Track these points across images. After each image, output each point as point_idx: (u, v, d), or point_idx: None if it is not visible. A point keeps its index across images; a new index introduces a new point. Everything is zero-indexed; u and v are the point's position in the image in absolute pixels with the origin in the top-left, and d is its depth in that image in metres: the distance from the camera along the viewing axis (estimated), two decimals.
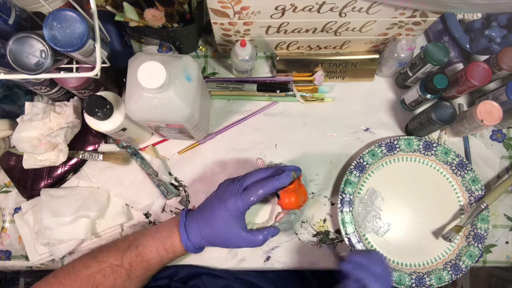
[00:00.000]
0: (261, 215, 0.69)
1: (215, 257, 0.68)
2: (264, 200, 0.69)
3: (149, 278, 0.59)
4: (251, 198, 0.53)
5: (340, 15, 0.59)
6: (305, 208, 0.70)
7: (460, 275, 0.65)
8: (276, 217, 0.65)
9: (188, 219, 0.56)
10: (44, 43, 0.43)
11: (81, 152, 0.67)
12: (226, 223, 0.53)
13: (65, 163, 0.66)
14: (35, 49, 0.43)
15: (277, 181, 0.54)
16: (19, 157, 0.66)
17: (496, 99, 0.68)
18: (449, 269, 0.66)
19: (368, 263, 0.56)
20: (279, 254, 0.69)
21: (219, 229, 0.53)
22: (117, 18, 0.58)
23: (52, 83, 0.63)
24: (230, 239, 0.54)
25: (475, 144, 0.74)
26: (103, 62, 0.52)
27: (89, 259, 0.55)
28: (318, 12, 0.58)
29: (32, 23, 0.53)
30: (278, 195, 0.60)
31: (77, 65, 0.53)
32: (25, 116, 0.64)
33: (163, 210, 0.70)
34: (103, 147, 0.69)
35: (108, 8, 0.58)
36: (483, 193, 0.68)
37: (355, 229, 0.66)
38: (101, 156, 0.67)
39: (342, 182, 0.68)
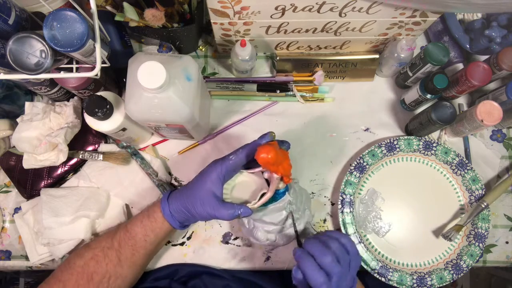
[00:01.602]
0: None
1: (215, 257, 0.68)
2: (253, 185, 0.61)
3: (141, 264, 0.57)
4: (230, 157, 0.52)
5: (340, 15, 0.59)
6: (309, 213, 0.64)
7: (461, 274, 0.65)
8: (260, 197, 0.56)
9: (169, 196, 0.55)
10: (44, 43, 0.43)
11: (81, 152, 0.67)
12: (201, 185, 0.51)
13: (65, 163, 0.66)
14: (35, 49, 0.43)
15: (256, 140, 0.52)
16: (19, 157, 0.66)
17: (496, 99, 0.68)
18: (450, 268, 0.66)
19: (315, 250, 0.46)
20: (279, 254, 0.68)
21: (193, 190, 0.52)
22: (117, 18, 0.58)
23: (52, 83, 0.63)
24: (201, 203, 0.51)
25: (475, 144, 0.74)
26: (103, 62, 0.52)
27: (83, 249, 0.56)
28: (318, 12, 0.58)
29: (32, 23, 0.53)
30: (263, 172, 0.54)
31: (77, 65, 0.53)
32: (25, 116, 0.64)
33: None
34: (103, 147, 0.69)
35: (108, 8, 0.58)
36: (483, 192, 0.68)
37: (356, 229, 0.66)
38: (101, 156, 0.67)
39: (343, 183, 0.68)
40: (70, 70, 0.52)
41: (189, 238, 0.69)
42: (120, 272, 0.54)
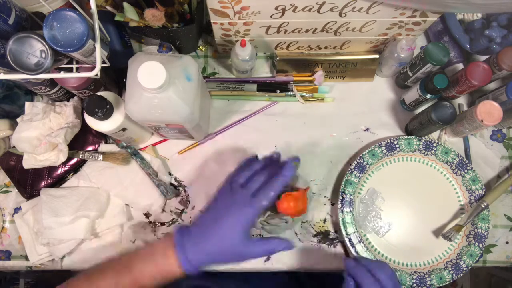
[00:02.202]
0: None
1: None
2: None
3: None
4: (263, 203, 0.46)
5: (340, 15, 0.59)
6: (295, 220, 0.68)
7: (461, 274, 0.65)
8: (265, 214, 0.61)
9: (185, 238, 0.47)
10: (44, 43, 0.43)
11: (81, 152, 0.67)
12: (235, 236, 0.45)
13: (65, 163, 0.66)
14: (35, 49, 0.43)
15: (282, 177, 0.47)
16: (19, 157, 0.66)
17: (496, 99, 0.68)
18: (450, 268, 0.66)
19: (372, 266, 0.50)
20: (279, 254, 0.68)
21: (227, 244, 0.45)
22: (117, 18, 0.58)
23: (52, 83, 0.63)
24: (240, 253, 0.46)
25: (475, 144, 0.74)
26: (103, 62, 0.52)
27: (82, 281, 0.49)
28: (318, 12, 0.58)
29: (32, 23, 0.53)
30: (279, 195, 0.56)
31: (77, 65, 0.53)
32: (25, 116, 0.64)
33: (163, 210, 0.70)
34: (103, 147, 0.69)
35: (108, 8, 0.58)
36: (483, 193, 0.68)
37: (356, 229, 0.66)
38: (101, 156, 0.67)
39: (343, 183, 0.68)
40: (70, 70, 0.52)
41: None
42: None
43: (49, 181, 0.67)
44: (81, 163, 0.69)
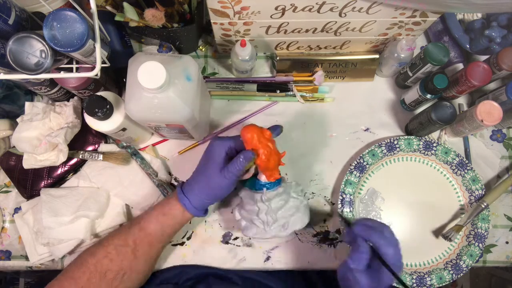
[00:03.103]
0: None
1: (215, 257, 0.68)
2: None
3: (156, 256, 0.59)
4: (239, 138, 0.54)
5: (340, 15, 0.59)
6: (290, 186, 0.61)
7: (461, 274, 0.65)
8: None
9: (183, 188, 0.57)
10: (44, 43, 0.43)
11: (81, 152, 0.67)
12: (214, 172, 0.53)
13: (65, 163, 0.66)
14: (35, 49, 0.43)
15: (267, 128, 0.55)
16: (19, 157, 0.66)
17: (496, 99, 0.68)
18: (449, 268, 0.66)
19: (379, 227, 0.50)
20: (279, 254, 0.69)
21: (211, 181, 0.53)
22: (117, 18, 0.58)
23: (52, 83, 0.63)
24: (220, 182, 0.53)
25: (475, 144, 0.74)
26: (103, 62, 0.52)
27: (94, 247, 0.56)
28: (318, 12, 0.58)
29: (32, 23, 0.53)
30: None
31: (77, 65, 0.53)
32: (25, 116, 0.64)
33: None
34: (103, 147, 0.69)
35: (108, 8, 0.58)
36: (483, 193, 0.68)
37: None
38: (101, 156, 0.67)
39: (343, 182, 0.68)
40: (70, 70, 0.52)
41: (189, 238, 0.69)
42: (135, 266, 0.55)
43: (49, 181, 0.67)
44: (81, 163, 0.69)
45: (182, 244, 0.69)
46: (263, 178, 0.56)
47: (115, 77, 0.71)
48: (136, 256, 0.55)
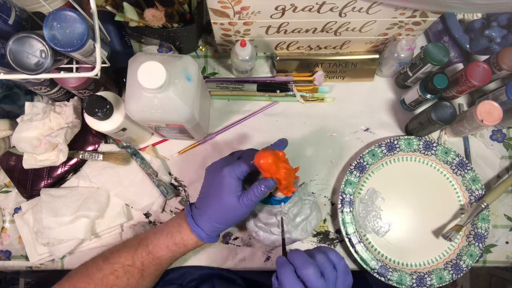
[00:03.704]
0: None
1: (215, 257, 0.68)
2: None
3: (162, 273, 0.58)
4: (250, 161, 0.49)
5: (340, 15, 0.59)
6: (305, 231, 0.61)
7: (461, 274, 0.65)
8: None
9: (193, 211, 0.54)
10: (44, 43, 0.43)
11: (81, 152, 0.67)
12: (225, 192, 0.50)
13: (65, 163, 0.66)
14: (35, 49, 0.43)
15: (272, 146, 0.53)
16: (19, 157, 0.66)
17: (496, 99, 0.68)
18: (449, 268, 0.66)
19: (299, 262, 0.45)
20: (279, 254, 0.68)
21: (224, 205, 0.50)
22: (117, 18, 0.58)
23: (52, 83, 0.63)
24: (235, 208, 0.50)
25: (475, 144, 0.74)
26: (103, 62, 0.52)
27: (101, 261, 0.54)
28: (318, 12, 0.58)
29: (32, 23, 0.53)
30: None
31: (77, 65, 0.53)
32: (25, 116, 0.64)
33: (163, 210, 0.70)
34: (103, 147, 0.69)
35: (108, 8, 0.58)
36: (483, 193, 0.68)
37: (356, 229, 0.66)
38: (101, 156, 0.67)
39: (343, 182, 0.68)
40: (70, 70, 0.52)
41: None
42: (141, 284, 0.54)
43: (49, 181, 0.67)
44: (81, 163, 0.69)
45: None
46: (278, 195, 0.54)
47: (115, 77, 0.71)
48: (143, 275, 0.54)
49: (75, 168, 0.69)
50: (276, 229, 0.58)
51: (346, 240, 0.65)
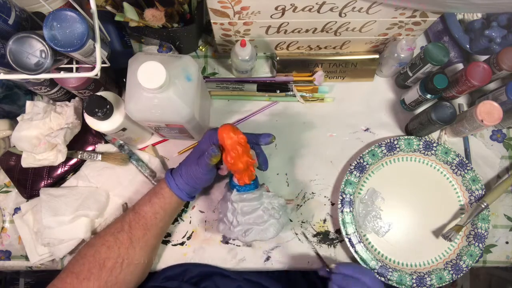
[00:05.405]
0: None
1: (215, 257, 0.68)
2: None
3: (152, 245, 0.59)
4: (207, 139, 0.55)
5: (340, 15, 0.59)
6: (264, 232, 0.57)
7: (461, 274, 0.65)
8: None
9: (172, 173, 0.59)
10: (44, 43, 0.43)
11: (80, 152, 0.67)
12: (195, 151, 0.56)
13: (64, 163, 0.66)
14: (35, 49, 0.43)
15: (255, 134, 0.57)
16: (19, 157, 0.66)
17: (496, 99, 0.68)
18: (449, 268, 0.66)
19: (360, 274, 0.56)
20: (279, 254, 0.69)
21: (191, 169, 0.55)
22: (117, 18, 0.58)
23: (52, 83, 0.63)
24: (196, 170, 0.55)
25: (475, 144, 0.74)
26: (103, 62, 0.52)
27: (92, 239, 0.57)
28: (318, 12, 0.58)
29: (32, 23, 0.53)
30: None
31: (77, 65, 0.53)
32: (26, 115, 0.64)
33: None
34: (101, 147, 0.68)
35: (108, 8, 0.58)
36: (483, 193, 0.68)
37: (356, 229, 0.66)
38: (99, 156, 0.67)
39: (343, 182, 0.68)
40: (70, 70, 0.52)
41: (189, 238, 0.69)
42: (133, 254, 0.56)
43: (49, 181, 0.67)
44: (81, 163, 0.69)
45: (182, 244, 0.69)
46: (235, 180, 0.57)
47: (115, 77, 0.71)
48: (132, 240, 0.56)
49: (75, 168, 0.69)
50: (225, 217, 0.58)
51: (346, 240, 0.65)
